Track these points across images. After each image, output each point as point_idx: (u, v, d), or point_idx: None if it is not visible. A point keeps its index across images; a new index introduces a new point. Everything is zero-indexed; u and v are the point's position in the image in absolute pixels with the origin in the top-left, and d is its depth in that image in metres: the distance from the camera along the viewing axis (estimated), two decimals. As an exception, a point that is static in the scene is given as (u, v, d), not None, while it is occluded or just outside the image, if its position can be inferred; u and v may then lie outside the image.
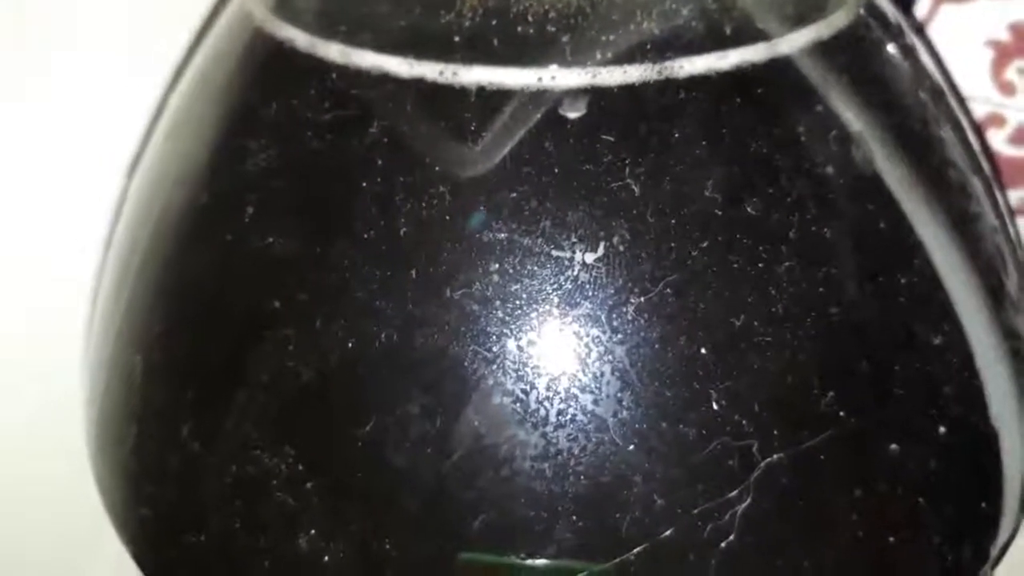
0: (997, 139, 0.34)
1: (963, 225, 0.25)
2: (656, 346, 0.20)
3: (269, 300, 0.21)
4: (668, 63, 0.20)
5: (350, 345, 0.20)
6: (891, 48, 0.25)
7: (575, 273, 0.20)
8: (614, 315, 0.20)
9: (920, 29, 0.32)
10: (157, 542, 0.24)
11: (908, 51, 0.26)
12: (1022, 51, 0.32)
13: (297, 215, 0.21)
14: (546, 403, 0.20)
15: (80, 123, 0.34)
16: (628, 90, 0.20)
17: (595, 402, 0.20)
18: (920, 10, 0.33)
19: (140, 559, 0.25)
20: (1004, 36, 0.32)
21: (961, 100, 0.32)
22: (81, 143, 0.34)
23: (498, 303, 0.20)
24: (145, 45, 0.33)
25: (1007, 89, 0.33)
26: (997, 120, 0.33)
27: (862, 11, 0.25)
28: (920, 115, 0.25)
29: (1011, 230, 0.28)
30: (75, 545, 0.38)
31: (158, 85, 0.33)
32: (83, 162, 0.34)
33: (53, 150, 0.34)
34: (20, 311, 0.35)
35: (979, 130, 0.33)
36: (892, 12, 0.27)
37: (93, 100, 0.33)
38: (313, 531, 0.21)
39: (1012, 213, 0.33)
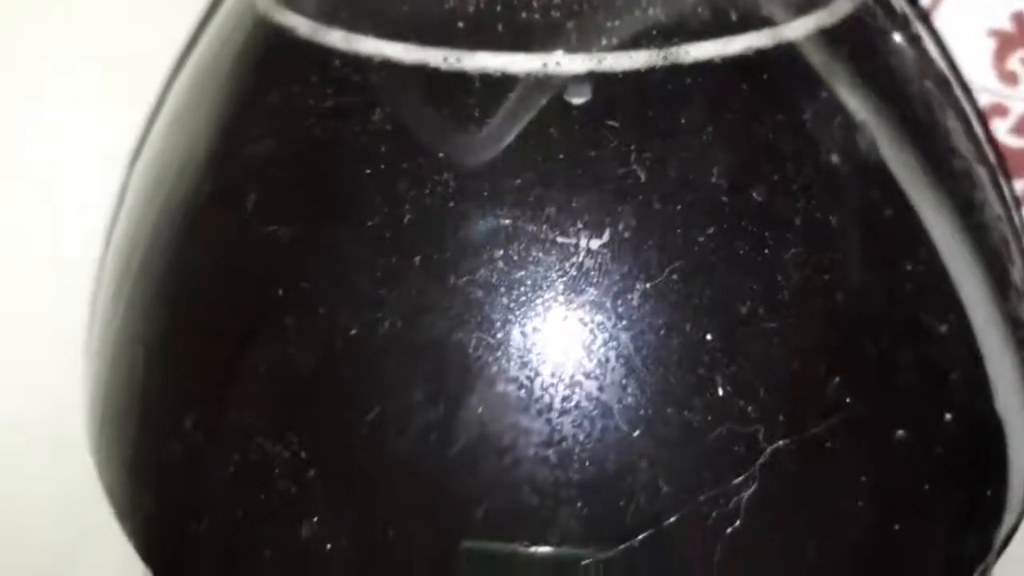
0: (1000, 129, 0.34)
1: (968, 213, 0.25)
2: (661, 332, 0.20)
3: (271, 288, 0.21)
4: (674, 49, 0.20)
5: (353, 333, 0.20)
6: (896, 36, 0.25)
7: (580, 259, 0.20)
8: (619, 301, 0.20)
9: (925, 17, 0.32)
10: (160, 532, 0.24)
11: (913, 39, 0.26)
12: (1025, 41, 0.32)
13: (300, 203, 0.21)
14: (551, 390, 0.20)
15: (81, 105, 0.33)
16: (633, 76, 0.20)
17: (600, 388, 0.20)
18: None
19: (143, 550, 0.25)
20: (1007, 26, 0.32)
21: (966, 89, 0.32)
22: (80, 124, 0.34)
23: (502, 290, 0.20)
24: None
25: (1010, 79, 0.33)
26: (1000, 110, 0.33)
27: (866, -2, 0.25)
28: (925, 103, 0.25)
29: (1016, 219, 0.28)
30: (76, 544, 0.37)
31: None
32: (82, 152, 0.34)
33: (50, 136, 0.33)
34: (19, 304, 0.35)
35: (984, 120, 0.33)
36: (898, 1, 0.26)
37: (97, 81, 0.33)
38: (316, 519, 0.21)
39: (1017, 203, 0.33)
